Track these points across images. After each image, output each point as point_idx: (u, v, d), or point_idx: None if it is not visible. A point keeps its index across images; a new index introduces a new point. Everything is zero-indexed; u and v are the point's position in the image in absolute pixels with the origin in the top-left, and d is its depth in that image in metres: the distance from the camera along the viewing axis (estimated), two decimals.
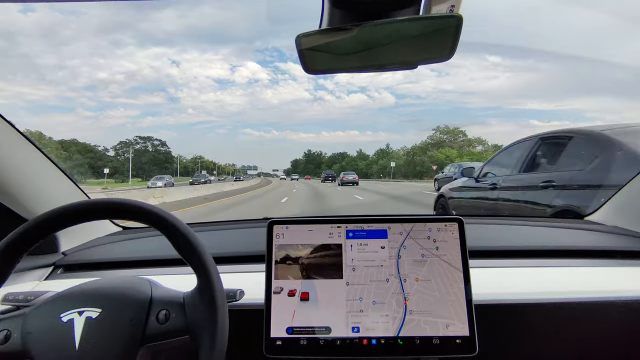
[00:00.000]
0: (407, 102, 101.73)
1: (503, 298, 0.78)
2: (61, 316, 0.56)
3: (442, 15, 0.53)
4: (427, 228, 0.75)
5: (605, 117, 61.05)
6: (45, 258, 0.95)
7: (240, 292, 0.67)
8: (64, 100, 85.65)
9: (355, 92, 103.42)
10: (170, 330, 0.56)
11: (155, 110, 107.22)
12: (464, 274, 0.72)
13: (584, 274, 0.87)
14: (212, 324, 0.54)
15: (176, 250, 0.58)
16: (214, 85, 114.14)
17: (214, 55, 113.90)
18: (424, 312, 0.71)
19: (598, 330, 0.78)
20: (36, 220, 0.56)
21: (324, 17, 0.56)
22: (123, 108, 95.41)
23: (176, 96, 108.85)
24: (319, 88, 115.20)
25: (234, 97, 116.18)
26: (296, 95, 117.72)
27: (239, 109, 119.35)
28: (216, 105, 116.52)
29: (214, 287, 0.55)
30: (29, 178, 0.89)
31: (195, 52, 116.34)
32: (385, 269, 0.74)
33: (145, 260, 0.95)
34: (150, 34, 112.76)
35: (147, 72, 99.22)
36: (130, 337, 0.55)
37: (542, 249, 0.95)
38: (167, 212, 0.59)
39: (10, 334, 0.56)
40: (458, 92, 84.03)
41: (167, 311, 0.57)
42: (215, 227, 1.20)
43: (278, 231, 0.76)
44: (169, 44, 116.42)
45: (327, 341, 0.70)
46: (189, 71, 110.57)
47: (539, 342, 0.78)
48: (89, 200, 0.60)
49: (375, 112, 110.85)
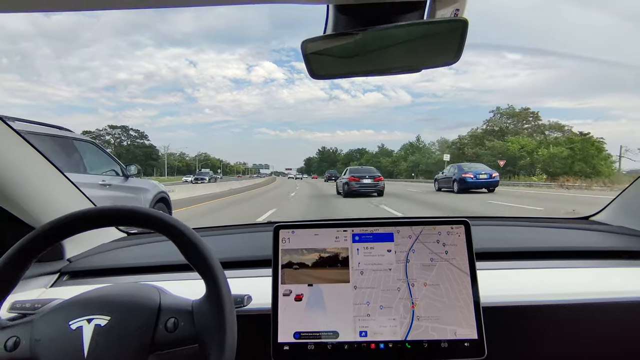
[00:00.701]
0: (424, 101, 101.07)
1: (511, 300, 0.77)
2: (70, 324, 0.56)
3: (446, 20, 0.53)
4: (436, 231, 0.75)
5: (628, 114, 59.84)
6: (51, 265, 0.95)
7: (247, 297, 0.67)
8: (86, 101, 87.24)
9: (371, 91, 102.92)
10: (179, 338, 0.56)
11: (173, 110, 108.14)
12: (471, 276, 0.72)
13: (591, 275, 0.86)
14: (221, 333, 0.53)
15: (184, 257, 0.58)
16: (230, 85, 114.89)
17: (231, 55, 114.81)
18: (431, 318, 0.70)
19: (607, 331, 0.77)
20: (45, 228, 0.57)
21: (328, 22, 0.57)
22: (142, 108, 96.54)
23: (193, 96, 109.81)
24: (335, 87, 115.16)
25: (250, 96, 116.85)
26: (312, 94, 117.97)
27: (255, 108, 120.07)
28: (233, 104, 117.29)
29: (222, 295, 0.55)
30: (34, 185, 0.90)
31: (212, 52, 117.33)
32: (393, 273, 0.73)
33: (152, 266, 0.95)
34: (168, 35, 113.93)
35: (165, 73, 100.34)
36: (139, 346, 0.55)
37: (549, 250, 0.95)
38: (174, 218, 0.59)
39: (19, 341, 0.56)
40: (476, 90, 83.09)
41: (176, 319, 0.57)
42: (221, 231, 1.20)
43: (284, 235, 0.75)
44: (187, 45, 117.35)
45: (334, 346, 0.70)
46: (206, 71, 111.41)
47: (548, 344, 0.78)
48: (98, 207, 0.60)
49: (391, 111, 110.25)
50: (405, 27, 0.53)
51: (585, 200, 11.07)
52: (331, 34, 0.55)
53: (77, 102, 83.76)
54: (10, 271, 0.56)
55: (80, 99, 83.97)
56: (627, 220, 1.07)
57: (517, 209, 8.91)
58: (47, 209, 0.92)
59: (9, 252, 0.56)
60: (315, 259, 0.74)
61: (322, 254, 0.74)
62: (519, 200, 10.93)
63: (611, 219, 1.13)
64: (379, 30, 0.53)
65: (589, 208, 1.26)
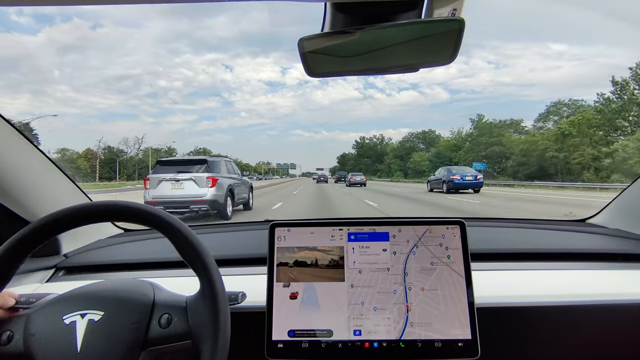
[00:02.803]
0: (462, 97, 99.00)
1: (505, 301, 0.77)
2: (64, 318, 0.56)
3: (444, 19, 0.54)
4: (440, 234, 0.74)
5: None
6: (46, 260, 0.95)
7: (242, 294, 0.67)
8: (130, 108, 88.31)
9: (407, 90, 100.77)
10: (172, 334, 0.56)
11: (210, 114, 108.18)
12: (466, 276, 0.72)
13: (586, 277, 0.87)
14: (214, 330, 0.54)
15: (179, 253, 0.58)
16: (265, 88, 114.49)
17: (265, 59, 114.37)
18: (425, 325, 0.70)
19: (601, 333, 0.77)
20: (40, 222, 0.57)
21: (326, 20, 0.57)
22: (181, 113, 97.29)
23: (230, 100, 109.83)
24: (369, 86, 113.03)
25: (284, 99, 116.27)
26: (346, 94, 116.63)
27: (289, 110, 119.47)
28: (267, 107, 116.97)
29: (217, 291, 0.55)
30: (30, 180, 0.90)
31: (248, 56, 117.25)
32: (391, 274, 0.73)
33: (147, 263, 0.95)
34: (205, 41, 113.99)
35: (202, 78, 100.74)
36: (132, 341, 0.55)
37: (544, 251, 0.95)
38: (170, 214, 0.59)
39: (13, 335, 0.56)
40: (516, 84, 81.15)
41: (170, 315, 0.57)
42: (217, 229, 1.20)
43: (280, 234, 0.76)
44: (223, 50, 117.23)
45: (328, 344, 0.70)
46: (242, 75, 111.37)
47: (542, 346, 0.78)
48: (94, 202, 0.60)
49: (428, 109, 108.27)
50: (403, 26, 0.53)
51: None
52: (329, 32, 0.55)
53: (120, 109, 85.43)
54: (5, 265, 0.56)
55: (125, 106, 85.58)
56: (623, 223, 1.07)
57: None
58: (43, 203, 0.92)
59: (4, 246, 0.56)
60: (310, 258, 0.74)
61: (318, 253, 0.74)
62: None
63: (607, 222, 1.13)
64: (376, 29, 0.53)
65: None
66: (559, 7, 68.29)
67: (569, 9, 62.59)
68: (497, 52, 77.04)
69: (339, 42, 0.55)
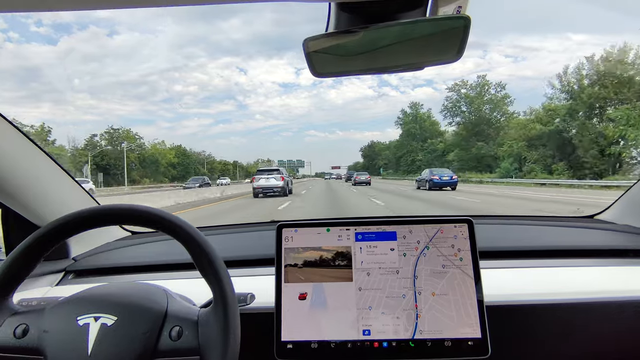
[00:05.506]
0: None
1: (515, 299, 0.77)
2: (78, 319, 0.56)
3: (449, 17, 0.53)
4: (452, 235, 0.73)
5: None
6: (56, 264, 0.96)
7: (250, 295, 0.67)
8: (147, 113, 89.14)
9: (421, 86, 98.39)
10: (181, 348, 0.56)
11: (225, 118, 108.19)
12: (475, 275, 0.71)
13: (596, 274, 0.86)
14: (223, 348, 0.53)
15: (191, 257, 0.58)
16: (279, 89, 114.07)
17: (279, 60, 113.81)
18: (434, 332, 0.69)
19: (612, 330, 0.77)
20: (50, 226, 0.57)
21: (330, 20, 0.56)
22: (197, 117, 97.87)
23: (244, 103, 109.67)
24: (383, 84, 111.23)
25: (298, 99, 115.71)
26: (360, 93, 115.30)
27: (304, 111, 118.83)
28: (282, 109, 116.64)
29: (228, 306, 0.55)
30: (38, 184, 0.90)
31: (261, 58, 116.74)
32: (400, 277, 0.72)
33: (156, 265, 0.96)
34: (219, 44, 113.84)
35: (217, 82, 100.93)
36: (142, 350, 0.55)
37: (553, 248, 0.94)
38: (179, 218, 0.59)
39: (28, 329, 0.57)
40: (537, 78, 78.43)
41: (181, 328, 0.57)
42: (225, 230, 1.20)
43: (287, 234, 0.76)
44: (236, 53, 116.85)
45: (337, 344, 0.70)
46: (256, 78, 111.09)
47: (552, 343, 0.77)
48: (104, 206, 0.60)
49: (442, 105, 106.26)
50: (408, 24, 0.53)
51: None
52: (333, 32, 0.55)
53: (138, 115, 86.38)
54: (17, 269, 0.57)
55: (142, 111, 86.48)
56: (633, 218, 1.06)
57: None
58: (51, 208, 0.92)
59: (16, 250, 0.57)
60: (318, 258, 0.74)
61: (325, 253, 0.74)
62: None
63: (616, 218, 1.12)
64: (381, 28, 0.53)
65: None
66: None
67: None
68: (514, 44, 74.37)
69: (344, 41, 0.55)
